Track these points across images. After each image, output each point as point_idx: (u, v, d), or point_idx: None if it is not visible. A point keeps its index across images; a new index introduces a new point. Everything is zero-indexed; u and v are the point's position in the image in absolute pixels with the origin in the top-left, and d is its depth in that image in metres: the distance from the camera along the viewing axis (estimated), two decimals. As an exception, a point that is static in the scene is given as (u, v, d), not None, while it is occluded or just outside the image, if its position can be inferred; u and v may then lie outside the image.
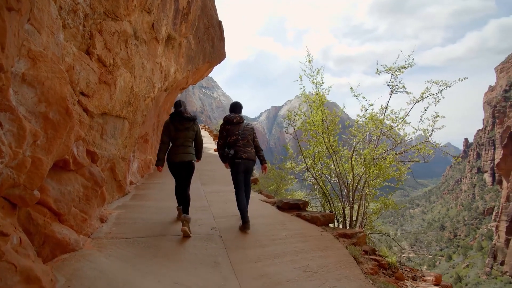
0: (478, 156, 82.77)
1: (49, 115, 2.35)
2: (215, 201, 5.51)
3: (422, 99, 4.71)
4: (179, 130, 4.27)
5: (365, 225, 5.07)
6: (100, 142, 4.35)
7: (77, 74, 3.45)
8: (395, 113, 4.99)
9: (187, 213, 4.12)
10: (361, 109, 5.15)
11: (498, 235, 60.03)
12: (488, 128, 79.77)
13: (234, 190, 4.31)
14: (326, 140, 5.24)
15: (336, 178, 5.26)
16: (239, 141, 4.31)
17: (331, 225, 4.74)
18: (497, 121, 75.39)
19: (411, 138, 4.88)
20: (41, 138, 2.26)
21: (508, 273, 53.28)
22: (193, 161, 4.35)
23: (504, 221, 59.69)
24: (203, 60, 9.38)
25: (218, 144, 4.48)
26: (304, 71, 5.31)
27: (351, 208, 4.88)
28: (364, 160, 4.92)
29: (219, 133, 4.51)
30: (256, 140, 4.52)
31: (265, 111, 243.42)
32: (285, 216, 4.76)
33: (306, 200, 6.63)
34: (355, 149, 5.09)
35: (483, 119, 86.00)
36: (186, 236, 3.77)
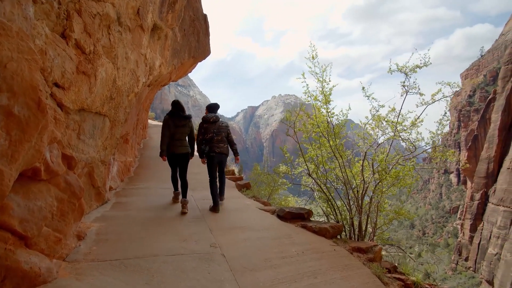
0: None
1: (14, 110, 1.74)
2: (208, 209, 4.96)
3: (434, 102, 4.46)
4: (177, 126, 5.04)
5: (375, 235, 4.74)
6: (77, 143, 3.68)
7: (50, 60, 2.80)
8: (402, 116, 4.71)
9: (185, 197, 5.02)
10: (370, 110, 4.82)
11: (463, 233, 63.23)
12: (454, 131, 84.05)
13: (209, 179, 5.12)
14: (331, 143, 4.85)
15: (342, 184, 4.88)
16: (214, 138, 5.07)
17: (338, 236, 4.35)
18: (462, 124, 79.68)
19: (426, 143, 4.61)
20: (2, 141, 1.65)
21: (471, 268, 56.18)
22: (188, 153, 5.17)
23: (468, 219, 62.92)
24: (188, 55, 8.73)
25: (197, 139, 5.19)
26: (310, 67, 4.90)
27: (360, 218, 4.52)
28: (372, 167, 4.59)
29: (198, 130, 5.22)
30: (231, 135, 5.31)
31: (241, 110, 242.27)
32: (290, 228, 4.30)
33: (303, 205, 6.23)
34: (366, 154, 4.73)
35: (450, 123, 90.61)
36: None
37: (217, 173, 5.24)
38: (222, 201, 5.23)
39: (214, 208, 4.93)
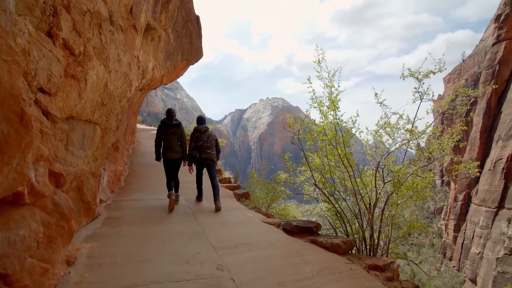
0: (429, 159, 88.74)
1: (-9, 125, 1.38)
2: (208, 224, 4.59)
3: (446, 109, 4.29)
4: (167, 134, 5.58)
5: (388, 249, 4.50)
6: (65, 155, 3.28)
7: (35, 62, 2.42)
8: (411, 122, 4.52)
9: (177, 192, 5.83)
10: (382, 117, 4.59)
11: (447, 233, 64.44)
12: (438, 134, 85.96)
13: (196, 177, 5.99)
14: (340, 151, 4.59)
15: (351, 195, 4.62)
16: (203, 145, 5.76)
17: (349, 251, 4.08)
18: (445, 127, 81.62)
19: (445, 154, 4.41)
20: (-25, 165, 1.29)
21: (455, 268, 57.29)
22: (180, 158, 5.69)
23: (452, 219, 64.17)
24: (181, 57, 8.35)
25: (189, 146, 5.86)
26: (318, 72, 4.63)
27: (372, 231, 4.26)
28: (383, 178, 4.35)
29: (190, 138, 5.91)
30: (219, 145, 6.09)
31: (229, 114, 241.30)
32: (299, 243, 4.00)
33: (304, 212, 5.96)
34: (379, 164, 4.48)
35: (433, 126, 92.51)
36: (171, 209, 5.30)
37: (209, 180, 5.81)
38: (219, 208, 5.44)
39: (198, 199, 6.04)
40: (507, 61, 52.58)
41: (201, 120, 6.10)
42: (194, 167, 5.89)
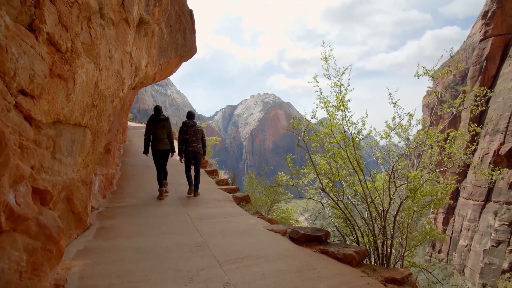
0: (419, 154, 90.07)
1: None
2: (210, 233, 4.29)
3: (459, 110, 4.10)
4: (157, 128, 6.22)
5: (403, 257, 4.29)
6: (52, 164, 2.93)
7: (14, 60, 2.08)
8: (424, 123, 4.31)
9: (166, 179, 6.40)
10: (394, 118, 4.36)
11: (436, 226, 65.52)
12: (427, 129, 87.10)
13: (185, 169, 6.42)
14: (349, 154, 4.35)
15: (361, 200, 4.39)
16: (190, 138, 6.34)
17: (361, 261, 3.85)
18: (434, 122, 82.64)
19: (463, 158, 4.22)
20: None
21: (444, 260, 58.38)
22: (169, 149, 6.35)
23: (440, 213, 65.23)
24: (175, 53, 7.95)
25: (178, 139, 6.48)
26: (326, 70, 4.35)
27: (385, 240, 4.05)
28: (395, 183, 4.13)
29: (179, 132, 6.55)
30: (204, 138, 6.65)
31: (220, 110, 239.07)
32: (309, 254, 3.74)
33: (304, 218, 5.73)
34: (393, 169, 4.25)
35: (422, 121, 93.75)
36: (160, 197, 5.99)
37: (194, 171, 6.39)
38: (196, 195, 6.31)
39: (189, 191, 6.31)
40: (494, 57, 53.31)
41: (190, 115, 6.64)
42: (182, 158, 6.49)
